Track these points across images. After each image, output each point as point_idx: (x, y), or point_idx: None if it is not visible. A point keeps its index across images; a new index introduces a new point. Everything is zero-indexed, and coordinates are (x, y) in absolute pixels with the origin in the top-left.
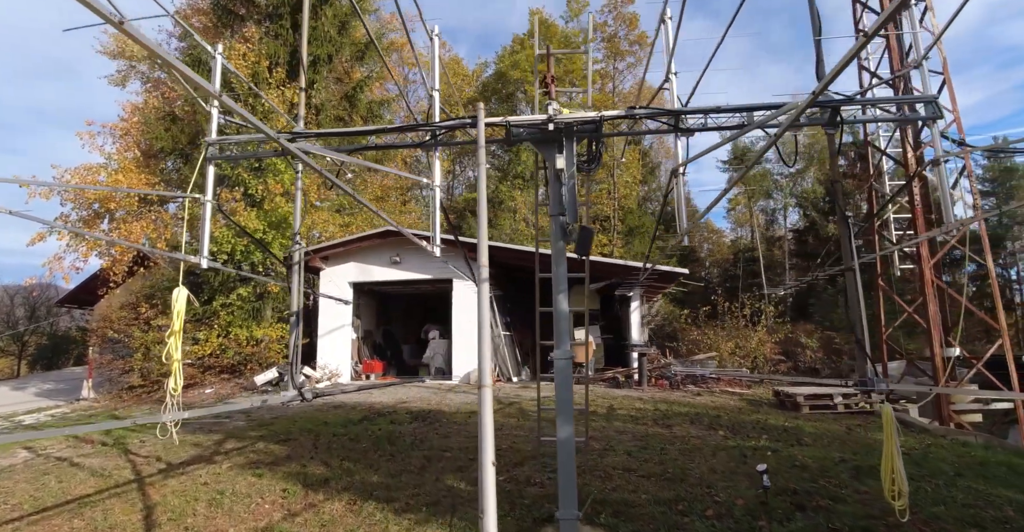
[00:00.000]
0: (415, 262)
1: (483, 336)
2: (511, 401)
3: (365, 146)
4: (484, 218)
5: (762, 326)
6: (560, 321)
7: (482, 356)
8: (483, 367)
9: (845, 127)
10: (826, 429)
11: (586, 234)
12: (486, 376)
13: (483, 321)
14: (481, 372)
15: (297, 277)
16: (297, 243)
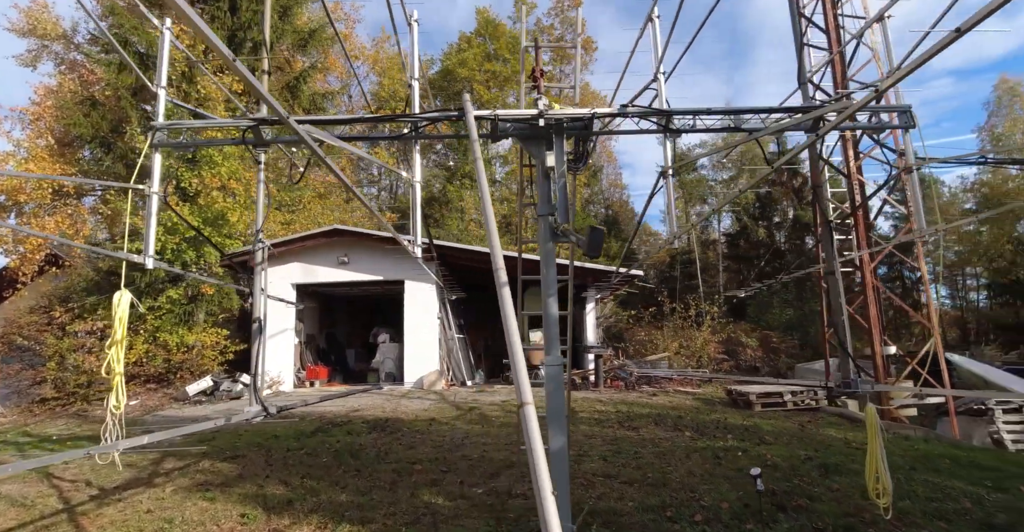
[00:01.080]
0: (364, 262)
1: (513, 346)
2: (470, 406)
3: (355, 136)
4: (492, 219)
5: (706, 326)
6: (551, 326)
7: (517, 370)
8: (520, 382)
9: (775, 137)
10: (782, 427)
11: (596, 235)
12: (525, 393)
13: (510, 328)
14: (519, 388)
15: (260, 279)
16: (260, 241)
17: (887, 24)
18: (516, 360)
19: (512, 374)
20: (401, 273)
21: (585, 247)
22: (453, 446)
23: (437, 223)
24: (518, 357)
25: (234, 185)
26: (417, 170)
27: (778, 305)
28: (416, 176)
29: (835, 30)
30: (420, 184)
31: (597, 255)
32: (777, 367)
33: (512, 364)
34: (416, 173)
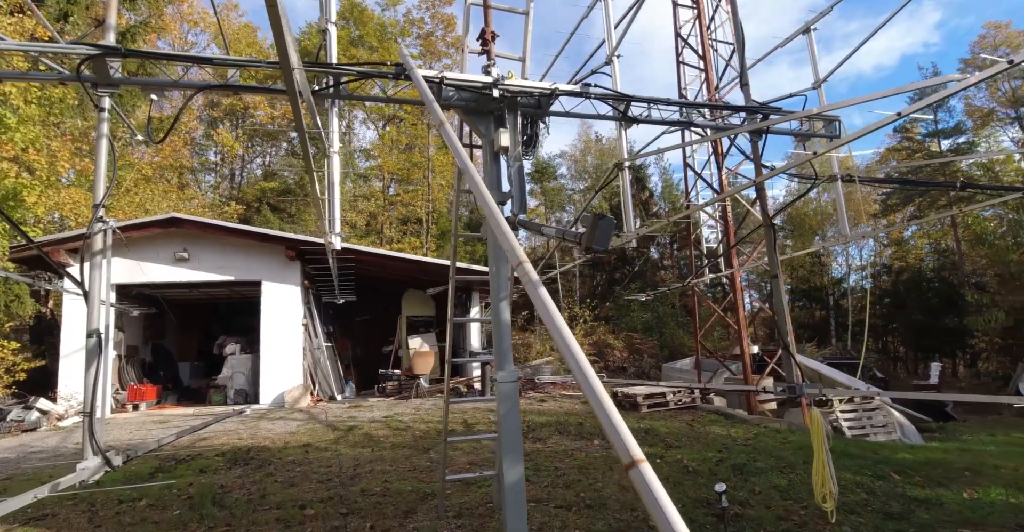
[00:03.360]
0: (209, 259)
1: (584, 372)
2: (349, 425)
3: (249, 85)
4: (495, 210)
5: (579, 329)
6: (503, 338)
7: (605, 415)
8: (619, 432)
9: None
10: (674, 427)
11: (605, 226)
12: (630, 446)
13: (566, 339)
14: (620, 439)
15: (98, 274)
16: (102, 220)
17: (812, 36)
18: (596, 394)
19: (600, 411)
20: (258, 273)
21: (588, 240)
22: (346, 478)
23: (292, 218)
24: (596, 388)
25: (33, 157)
26: (335, 137)
27: (636, 309)
28: (335, 144)
29: (705, 50)
30: (338, 155)
31: (604, 250)
32: (642, 367)
33: (596, 403)
34: (334, 141)
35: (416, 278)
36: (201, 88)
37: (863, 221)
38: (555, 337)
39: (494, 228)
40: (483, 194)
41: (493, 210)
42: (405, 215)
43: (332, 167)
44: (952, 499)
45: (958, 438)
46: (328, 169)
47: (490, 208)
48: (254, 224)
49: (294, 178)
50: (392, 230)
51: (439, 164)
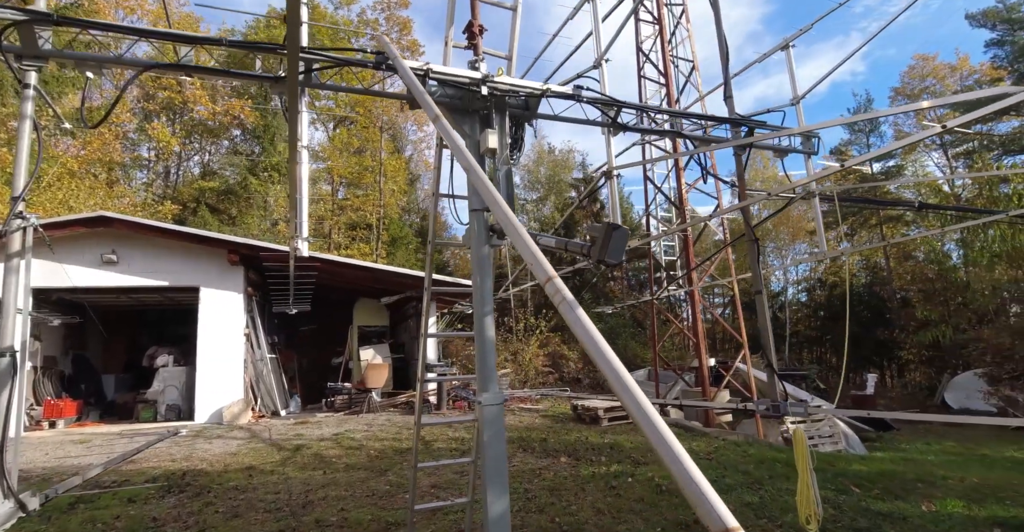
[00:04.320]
0: (141, 263)
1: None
2: (296, 444)
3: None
4: (511, 216)
5: (535, 340)
6: (487, 355)
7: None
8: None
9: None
10: (638, 442)
11: (619, 236)
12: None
13: (606, 364)
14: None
15: (19, 280)
16: (21, 215)
17: (790, 52)
18: (667, 444)
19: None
20: (196, 278)
21: (600, 253)
22: (296, 506)
23: (233, 221)
24: (668, 442)
25: None
26: (304, 130)
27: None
28: (304, 139)
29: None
30: (307, 151)
31: (618, 263)
32: (597, 378)
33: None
34: (304, 135)
35: (369, 287)
36: (149, 67)
37: (800, 238)
38: (602, 367)
39: (513, 237)
40: (495, 198)
41: (508, 215)
42: (355, 220)
43: (300, 163)
44: (913, 513)
45: (898, 447)
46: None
47: (504, 213)
48: (190, 226)
49: (236, 178)
50: (341, 236)
51: (391, 169)
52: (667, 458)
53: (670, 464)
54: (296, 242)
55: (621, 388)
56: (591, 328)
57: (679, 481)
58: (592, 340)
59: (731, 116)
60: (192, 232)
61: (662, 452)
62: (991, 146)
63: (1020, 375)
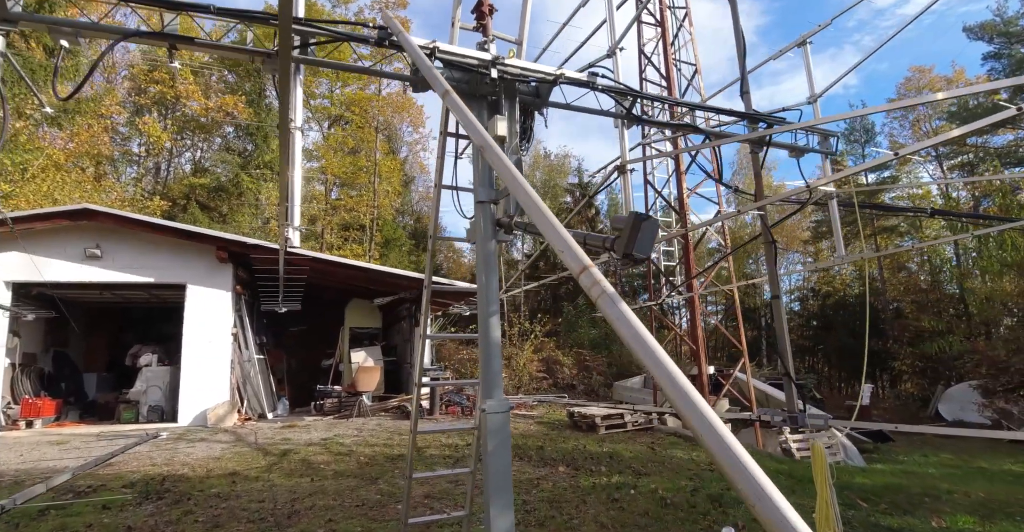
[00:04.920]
0: (126, 258)
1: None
2: (283, 449)
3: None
4: (538, 200)
5: (529, 345)
6: (492, 359)
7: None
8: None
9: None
10: (637, 451)
11: (650, 227)
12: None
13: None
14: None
15: None
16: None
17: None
18: (741, 464)
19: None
20: (183, 275)
21: (627, 246)
22: (281, 517)
23: (224, 218)
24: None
25: None
26: (299, 110)
27: (585, 325)
28: (298, 119)
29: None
30: (301, 132)
31: (646, 258)
32: (591, 384)
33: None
34: (298, 115)
35: (362, 287)
36: (128, 34)
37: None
38: (654, 370)
39: (540, 223)
40: (515, 178)
41: (533, 197)
42: (348, 221)
43: (293, 145)
44: (924, 528)
45: (896, 459)
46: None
47: (528, 195)
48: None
49: (228, 175)
50: (333, 236)
51: (386, 170)
52: (738, 477)
53: (743, 484)
54: (286, 231)
55: (677, 394)
56: (638, 325)
57: (754, 503)
58: (640, 339)
59: (748, 111)
60: (180, 227)
61: (731, 470)
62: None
63: (1015, 387)
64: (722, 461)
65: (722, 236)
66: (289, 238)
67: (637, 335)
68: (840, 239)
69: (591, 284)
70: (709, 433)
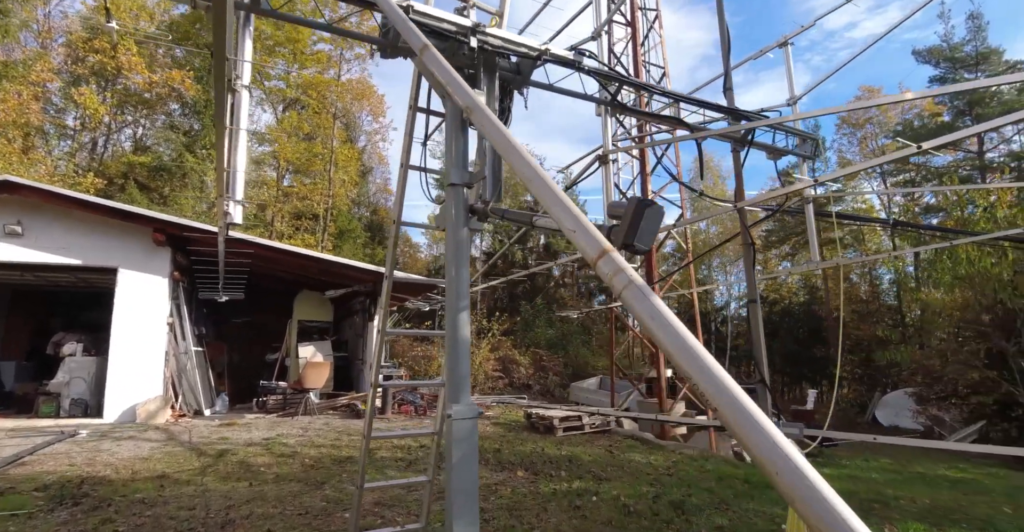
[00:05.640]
0: (52, 237)
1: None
2: (220, 449)
3: None
4: (543, 174)
5: (486, 343)
6: (460, 360)
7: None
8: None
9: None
10: (595, 454)
11: (654, 215)
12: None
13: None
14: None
15: None
16: None
17: (788, 50)
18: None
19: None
20: (115, 258)
21: (628, 236)
22: (213, 528)
23: (164, 200)
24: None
25: None
26: (246, 69)
27: (541, 325)
28: (244, 76)
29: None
30: (248, 91)
31: (648, 249)
32: (547, 385)
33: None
34: (244, 72)
35: (313, 278)
36: None
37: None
38: (697, 376)
39: (547, 200)
40: (516, 149)
41: (537, 170)
42: (300, 209)
43: (240, 108)
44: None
45: (839, 463)
46: (234, 110)
47: (533, 169)
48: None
49: (171, 154)
50: (284, 224)
51: (343, 158)
52: (809, 504)
53: (813, 509)
54: (227, 204)
55: (736, 414)
56: (678, 325)
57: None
58: (682, 342)
59: (731, 107)
60: (112, 206)
61: (798, 494)
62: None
63: (947, 395)
64: (788, 487)
65: (684, 241)
66: (229, 213)
67: (678, 337)
68: (815, 245)
69: (613, 272)
70: (784, 465)
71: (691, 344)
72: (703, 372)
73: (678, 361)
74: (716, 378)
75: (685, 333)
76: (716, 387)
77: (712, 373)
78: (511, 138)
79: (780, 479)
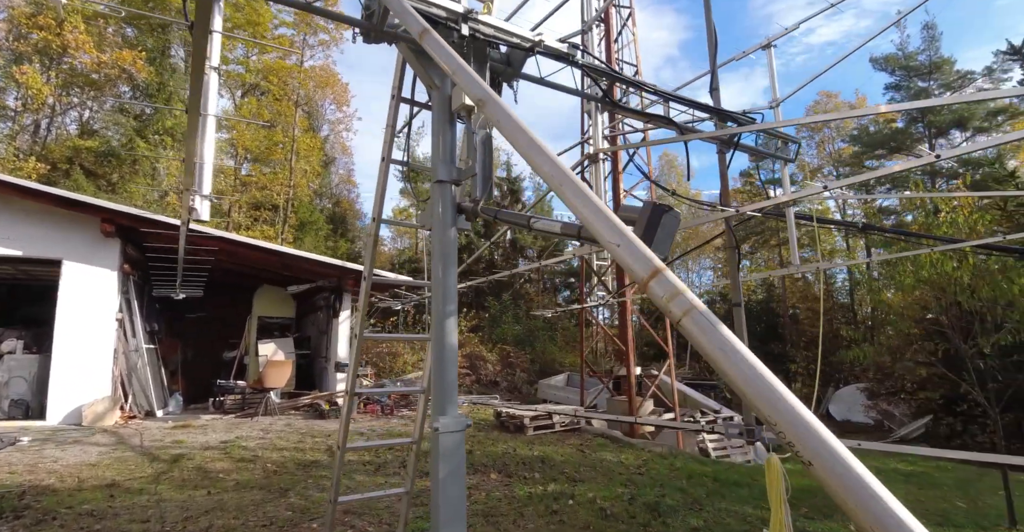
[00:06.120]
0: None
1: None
2: (176, 454)
3: None
4: (572, 177)
5: None
6: (447, 367)
7: None
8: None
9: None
10: (567, 454)
11: (671, 221)
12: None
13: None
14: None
15: None
16: None
17: (771, 52)
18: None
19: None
20: (59, 249)
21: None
22: None
23: (113, 188)
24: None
25: None
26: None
27: (508, 321)
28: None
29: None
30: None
31: (664, 257)
32: (514, 382)
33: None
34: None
35: (275, 273)
36: None
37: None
38: (777, 419)
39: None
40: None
41: (565, 171)
42: (259, 200)
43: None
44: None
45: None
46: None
47: (559, 168)
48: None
49: (121, 140)
50: (242, 215)
51: (304, 147)
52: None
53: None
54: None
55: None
56: (750, 357)
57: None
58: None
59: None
60: (57, 193)
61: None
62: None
63: (897, 391)
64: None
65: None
66: (196, 209)
67: (757, 376)
68: (795, 249)
69: (669, 296)
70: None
71: (775, 385)
72: (797, 423)
73: (758, 405)
74: (814, 432)
75: (764, 371)
76: (815, 442)
77: (809, 426)
78: (533, 135)
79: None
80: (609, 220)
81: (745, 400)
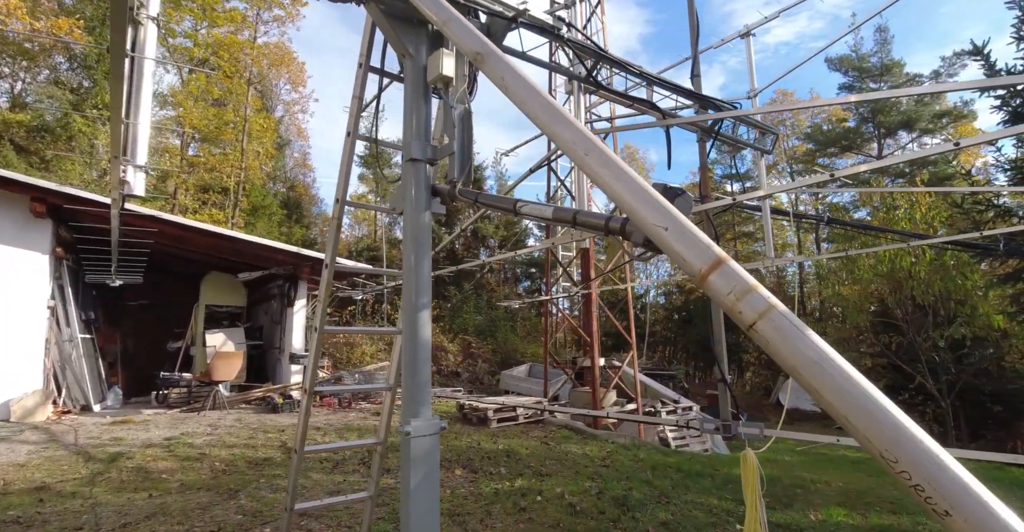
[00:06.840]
0: None
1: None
2: (114, 453)
3: None
4: (605, 149)
5: None
6: (419, 365)
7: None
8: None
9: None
10: (532, 447)
11: (681, 205)
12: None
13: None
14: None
15: None
16: None
17: (750, 41)
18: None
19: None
20: None
21: None
22: None
23: (47, 165)
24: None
25: None
26: None
27: (470, 311)
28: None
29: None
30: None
31: None
32: (476, 373)
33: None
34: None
35: (224, 259)
36: None
37: None
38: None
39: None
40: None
41: (597, 144)
42: (208, 182)
43: (144, 45)
44: (806, 523)
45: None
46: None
47: (593, 144)
48: None
49: (56, 114)
50: (189, 198)
51: (257, 128)
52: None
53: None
54: (123, 170)
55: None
56: (845, 366)
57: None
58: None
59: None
60: None
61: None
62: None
63: None
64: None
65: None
66: (128, 181)
67: (871, 402)
68: (771, 242)
69: (739, 293)
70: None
71: (890, 410)
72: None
73: (867, 436)
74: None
75: (875, 393)
76: (952, 485)
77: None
78: (546, 94)
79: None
80: (653, 199)
81: (848, 428)
